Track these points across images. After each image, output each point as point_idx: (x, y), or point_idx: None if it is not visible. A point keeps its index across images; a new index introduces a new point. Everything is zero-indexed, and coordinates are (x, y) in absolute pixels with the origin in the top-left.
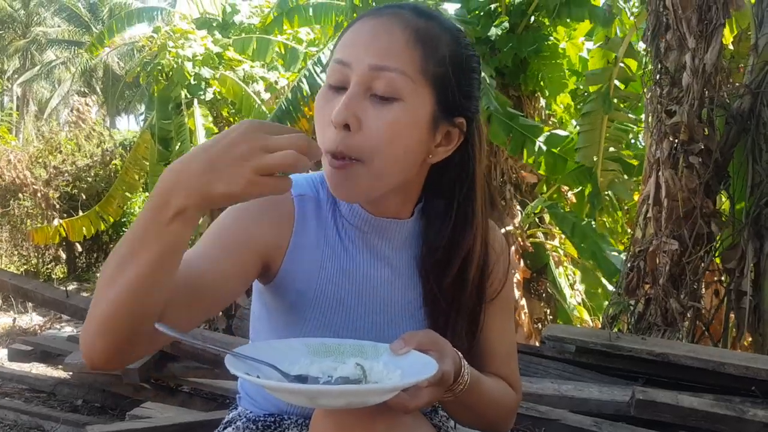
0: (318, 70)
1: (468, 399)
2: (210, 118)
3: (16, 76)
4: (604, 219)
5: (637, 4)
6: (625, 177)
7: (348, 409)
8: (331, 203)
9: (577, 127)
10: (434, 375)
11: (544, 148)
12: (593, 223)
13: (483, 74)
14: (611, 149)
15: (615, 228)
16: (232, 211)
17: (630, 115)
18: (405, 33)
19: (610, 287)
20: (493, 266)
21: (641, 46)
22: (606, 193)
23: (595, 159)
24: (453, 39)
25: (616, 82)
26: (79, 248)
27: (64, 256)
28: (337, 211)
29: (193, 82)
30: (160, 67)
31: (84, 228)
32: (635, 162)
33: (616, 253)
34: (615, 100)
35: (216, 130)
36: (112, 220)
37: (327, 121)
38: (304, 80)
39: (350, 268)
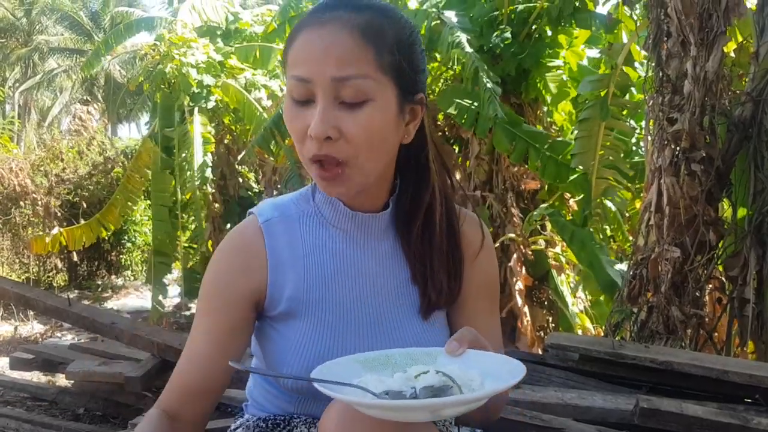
0: None
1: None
2: (209, 127)
3: (17, 84)
4: (605, 227)
5: (638, 12)
6: (621, 185)
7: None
8: (312, 213)
9: (574, 134)
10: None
11: (548, 155)
12: (591, 231)
13: (487, 82)
14: (610, 158)
15: (616, 235)
16: (209, 283)
17: (628, 123)
18: (353, 36)
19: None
20: (477, 252)
21: (642, 52)
22: (604, 201)
23: (591, 164)
24: (393, 22)
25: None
26: (80, 257)
27: (64, 264)
28: (321, 217)
29: (195, 90)
30: (162, 75)
31: (84, 236)
32: (631, 173)
33: (617, 265)
34: (613, 108)
35: (213, 140)
36: (113, 227)
37: (303, 134)
38: None
39: (336, 266)
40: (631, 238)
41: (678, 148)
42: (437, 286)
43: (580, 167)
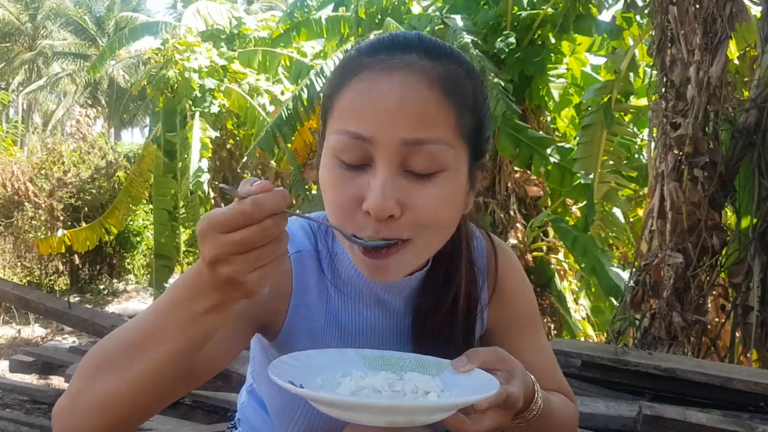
0: (319, 81)
1: (540, 424)
2: (208, 132)
3: (21, 87)
4: (607, 233)
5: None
6: (623, 190)
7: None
8: (329, 257)
9: (577, 139)
10: (496, 395)
11: (552, 160)
12: (593, 236)
13: (497, 80)
14: (610, 162)
15: (620, 242)
16: None
17: (630, 129)
18: (433, 90)
19: (614, 302)
20: (504, 291)
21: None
22: (607, 206)
23: (594, 169)
24: (471, 74)
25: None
26: (82, 260)
27: (66, 268)
28: (340, 268)
29: (198, 95)
30: (166, 80)
31: (88, 238)
32: (634, 173)
33: (618, 270)
34: (616, 113)
35: (210, 146)
36: (115, 231)
37: (350, 206)
38: (305, 90)
39: (355, 326)
40: (633, 243)
41: (681, 154)
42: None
43: (582, 172)
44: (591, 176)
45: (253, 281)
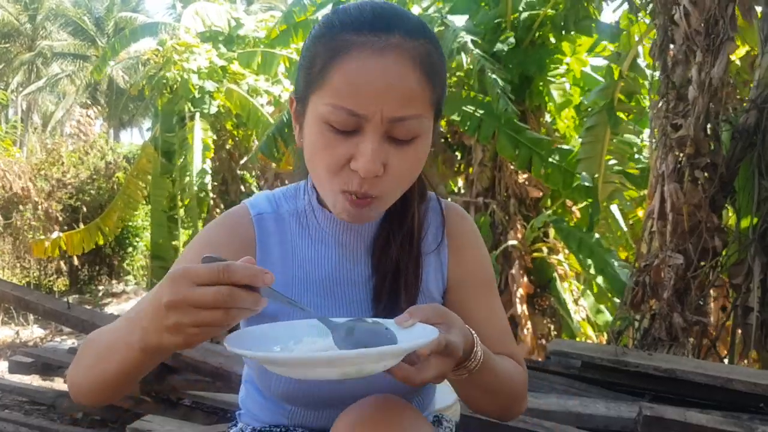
0: None
1: (483, 378)
2: (209, 133)
3: (20, 88)
4: (609, 234)
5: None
6: (627, 188)
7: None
8: (298, 215)
9: (580, 140)
10: (436, 341)
11: (552, 161)
12: (599, 236)
13: (495, 77)
14: (612, 161)
15: (619, 244)
16: (193, 248)
17: (631, 127)
18: (416, 72)
19: (617, 301)
20: (459, 249)
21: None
22: (608, 207)
23: (596, 174)
24: (437, 47)
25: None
26: (81, 261)
27: (65, 268)
28: (314, 220)
29: (197, 96)
30: (164, 81)
31: (83, 241)
32: (636, 171)
33: (625, 269)
34: (619, 113)
35: (212, 146)
36: (110, 234)
37: (339, 165)
38: None
39: (326, 273)
40: (633, 245)
41: (682, 155)
42: (391, 301)
43: (585, 173)
44: (596, 176)
45: (191, 334)
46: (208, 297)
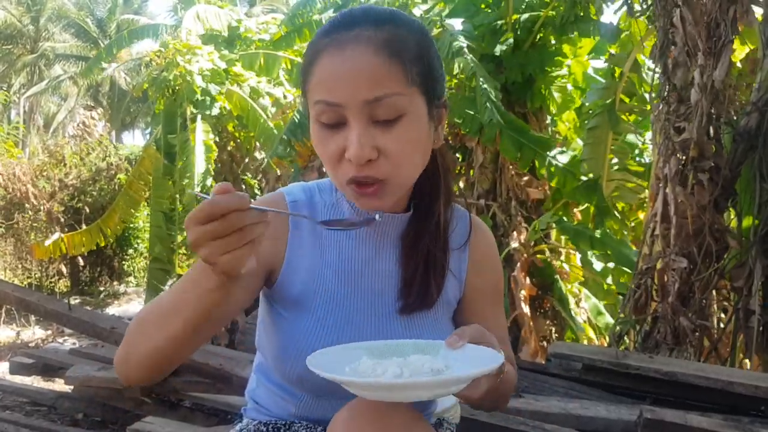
0: None
1: (498, 387)
2: (211, 135)
3: (23, 90)
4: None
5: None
6: (631, 188)
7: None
8: (331, 206)
9: (581, 143)
10: (502, 363)
11: (555, 162)
12: (608, 231)
13: (484, 85)
14: (614, 160)
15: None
16: None
17: (633, 128)
18: (378, 56)
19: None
20: (481, 260)
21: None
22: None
23: (601, 168)
24: (412, 30)
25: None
26: (82, 262)
27: (67, 270)
28: (340, 213)
29: (200, 98)
30: (167, 82)
31: (84, 242)
32: (641, 168)
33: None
34: (620, 114)
35: (215, 147)
36: (112, 235)
37: (336, 157)
38: None
39: (353, 263)
40: (634, 248)
41: (685, 158)
42: (422, 290)
43: (591, 175)
44: (600, 175)
45: (225, 262)
46: (216, 229)
